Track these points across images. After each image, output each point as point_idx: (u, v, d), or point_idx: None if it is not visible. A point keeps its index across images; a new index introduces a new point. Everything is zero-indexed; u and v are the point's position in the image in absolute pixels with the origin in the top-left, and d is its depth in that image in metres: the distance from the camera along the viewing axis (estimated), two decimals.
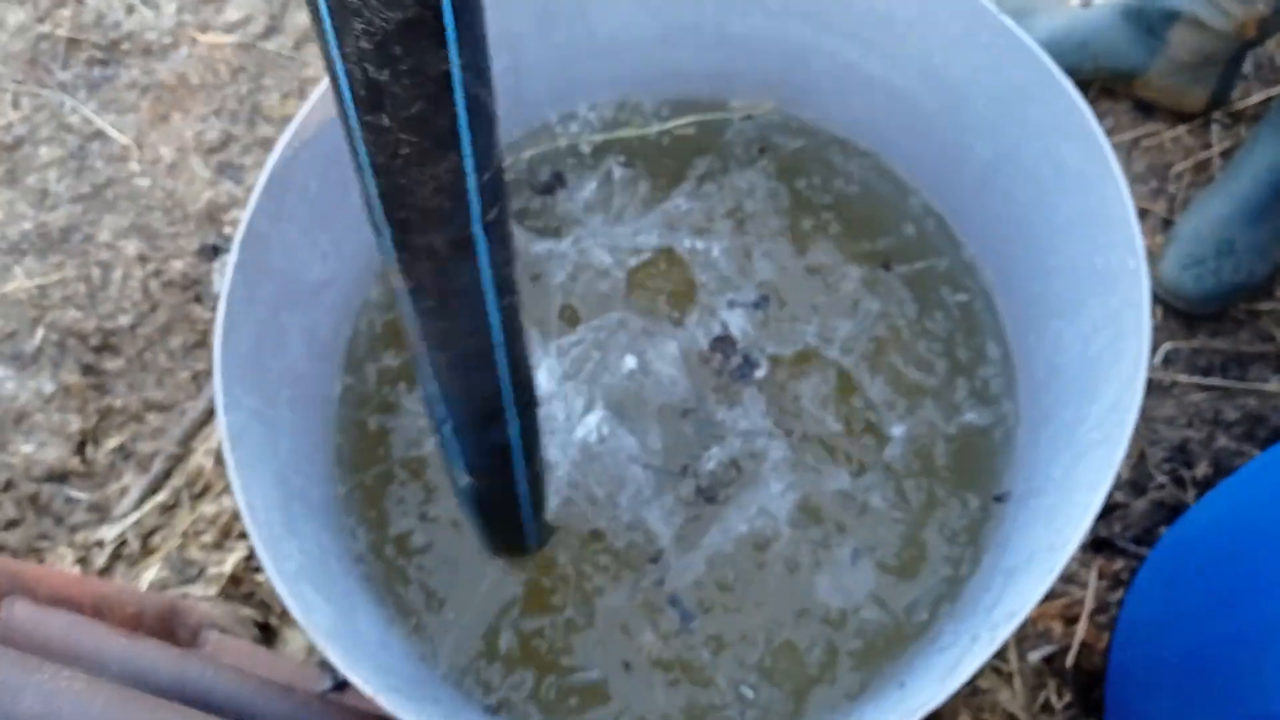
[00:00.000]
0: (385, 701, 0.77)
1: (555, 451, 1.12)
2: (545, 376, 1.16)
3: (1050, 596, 1.28)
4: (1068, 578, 1.30)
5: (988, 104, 1.06)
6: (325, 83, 1.01)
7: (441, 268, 0.59)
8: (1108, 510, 1.33)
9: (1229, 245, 1.38)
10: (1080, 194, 0.99)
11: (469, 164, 0.53)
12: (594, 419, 1.14)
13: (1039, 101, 0.99)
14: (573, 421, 1.14)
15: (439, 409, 0.77)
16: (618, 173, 1.25)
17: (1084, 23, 1.54)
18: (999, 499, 1.10)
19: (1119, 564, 1.30)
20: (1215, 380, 1.40)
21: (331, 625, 0.86)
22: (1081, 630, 1.26)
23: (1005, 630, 0.81)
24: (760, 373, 1.16)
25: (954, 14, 1.03)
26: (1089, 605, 1.28)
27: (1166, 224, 1.49)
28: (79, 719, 0.52)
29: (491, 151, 0.55)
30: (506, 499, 0.89)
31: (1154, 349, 1.40)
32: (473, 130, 0.52)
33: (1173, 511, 1.33)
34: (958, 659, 0.88)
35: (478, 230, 0.57)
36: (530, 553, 1.03)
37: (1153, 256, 1.44)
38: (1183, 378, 1.40)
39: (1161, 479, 1.34)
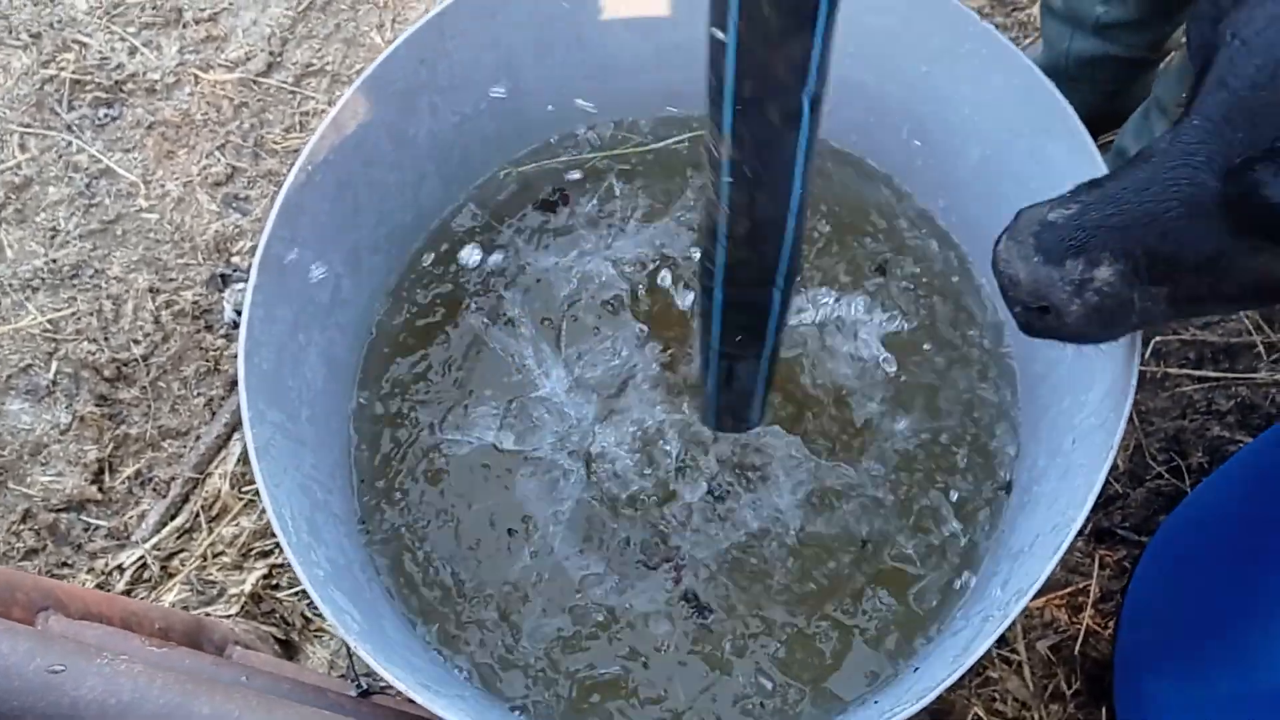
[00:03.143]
0: (420, 697, 0.79)
1: (566, 458, 1.15)
2: (555, 386, 1.19)
3: (1055, 586, 1.31)
4: (1072, 568, 1.32)
5: (974, 109, 1.10)
6: (333, 110, 1.05)
7: (768, 139, 0.70)
8: (1108, 501, 1.36)
9: None
10: None
11: (818, 42, 0.64)
12: (604, 424, 1.17)
13: (1023, 104, 1.03)
14: (583, 428, 1.17)
15: (717, 274, 0.86)
16: (618, 188, 1.29)
17: None
18: (1003, 488, 1.13)
19: (1121, 552, 1.33)
20: (1207, 371, 1.43)
21: (361, 628, 0.88)
22: (1087, 618, 1.29)
23: (1015, 608, 0.84)
24: None
25: (937, 26, 1.07)
26: (1094, 594, 1.30)
27: None
28: (139, 699, 0.54)
29: (831, 36, 0.65)
30: (750, 367, 0.97)
31: (1144, 342, 1.44)
32: (829, 12, 0.63)
33: (1171, 500, 1.36)
34: (969, 640, 0.90)
35: (806, 104, 0.68)
36: (753, 427, 1.08)
37: None
38: (1174, 370, 1.43)
39: (1158, 469, 1.37)
